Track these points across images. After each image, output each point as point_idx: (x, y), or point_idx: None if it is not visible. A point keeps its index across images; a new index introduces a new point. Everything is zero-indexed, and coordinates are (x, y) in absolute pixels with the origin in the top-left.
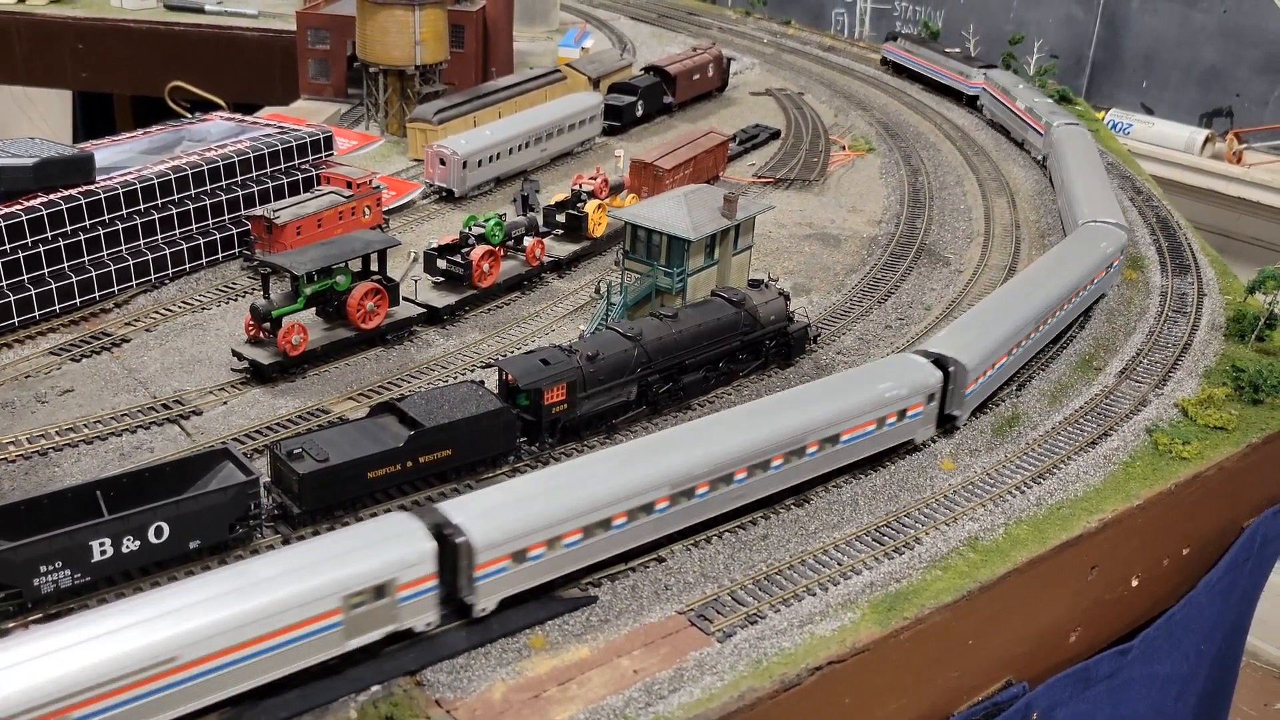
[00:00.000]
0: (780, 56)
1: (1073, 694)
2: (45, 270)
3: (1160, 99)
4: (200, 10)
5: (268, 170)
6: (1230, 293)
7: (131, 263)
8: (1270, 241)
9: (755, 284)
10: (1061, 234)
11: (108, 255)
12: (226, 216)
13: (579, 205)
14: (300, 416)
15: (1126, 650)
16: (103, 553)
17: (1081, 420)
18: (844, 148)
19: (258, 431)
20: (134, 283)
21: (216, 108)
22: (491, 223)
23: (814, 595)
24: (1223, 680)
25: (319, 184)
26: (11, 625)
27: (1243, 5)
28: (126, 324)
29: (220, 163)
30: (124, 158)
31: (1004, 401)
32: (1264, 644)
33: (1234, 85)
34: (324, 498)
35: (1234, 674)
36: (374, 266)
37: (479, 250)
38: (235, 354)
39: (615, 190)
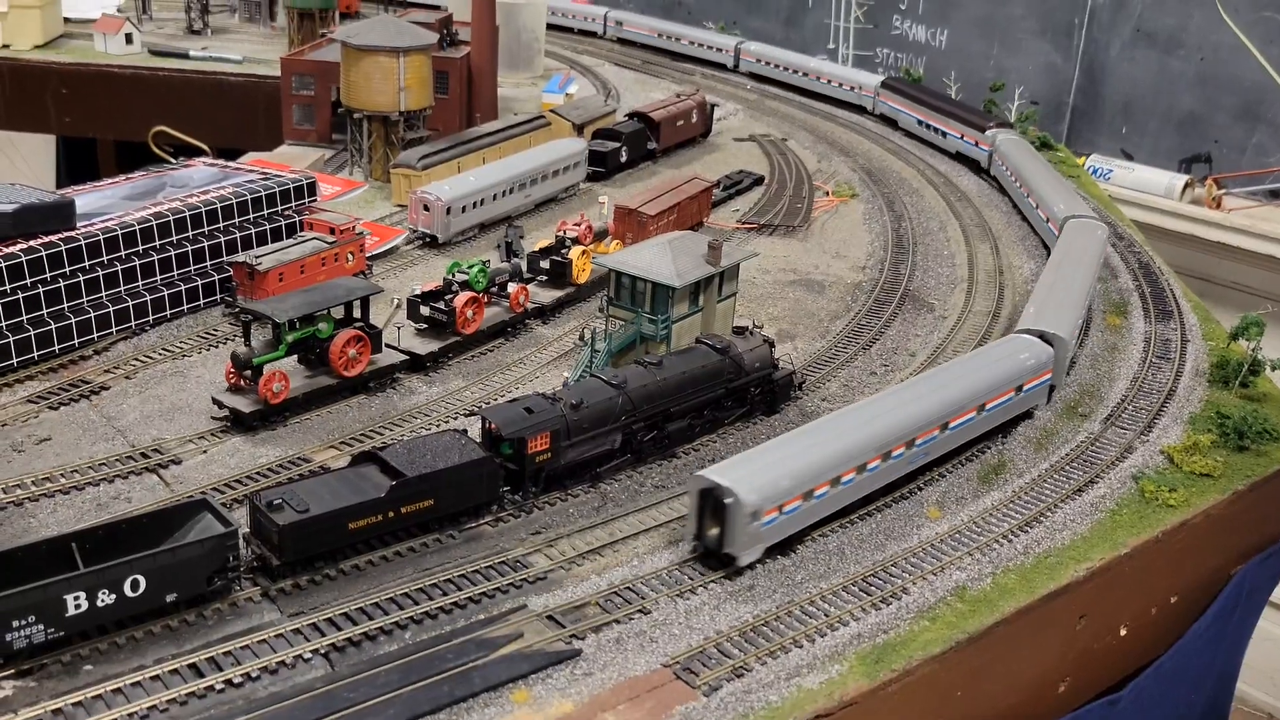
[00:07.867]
0: (764, 103)
1: None
2: (24, 317)
3: (1140, 145)
4: (184, 56)
5: (250, 216)
6: (1213, 338)
7: (112, 309)
8: (1249, 285)
9: (740, 331)
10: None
11: (88, 302)
12: (208, 263)
13: (563, 251)
14: (281, 465)
15: (1116, 700)
16: (77, 607)
17: (1068, 467)
18: (827, 193)
19: (238, 481)
20: (114, 329)
21: (200, 153)
22: (475, 269)
23: (801, 647)
24: None
25: (302, 230)
26: None
27: (1220, 53)
28: (106, 371)
29: (202, 209)
30: (106, 204)
31: (989, 448)
32: (1252, 689)
33: (1212, 132)
34: (304, 549)
35: None
36: (356, 314)
37: (462, 297)
38: (216, 402)
39: (599, 236)
